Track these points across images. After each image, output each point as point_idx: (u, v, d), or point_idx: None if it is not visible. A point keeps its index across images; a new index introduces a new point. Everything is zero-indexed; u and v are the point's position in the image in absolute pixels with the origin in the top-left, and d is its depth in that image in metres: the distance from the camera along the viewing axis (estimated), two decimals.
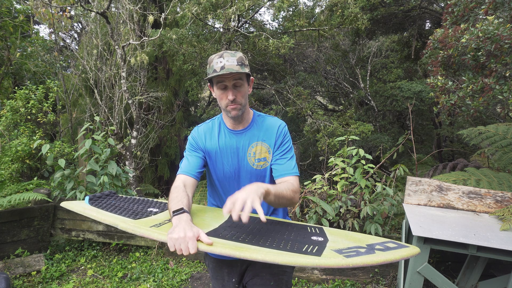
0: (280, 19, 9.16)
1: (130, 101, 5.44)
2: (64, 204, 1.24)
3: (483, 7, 3.58)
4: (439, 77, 3.84)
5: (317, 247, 0.94)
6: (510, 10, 3.43)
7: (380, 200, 3.04)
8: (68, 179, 3.31)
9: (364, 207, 2.85)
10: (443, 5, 7.99)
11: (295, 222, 1.29)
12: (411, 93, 7.89)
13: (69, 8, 5.92)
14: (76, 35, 10.69)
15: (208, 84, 1.36)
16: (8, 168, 4.10)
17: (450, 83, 3.71)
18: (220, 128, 1.37)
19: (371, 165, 3.15)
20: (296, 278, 2.91)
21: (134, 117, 5.72)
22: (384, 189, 3.00)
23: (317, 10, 9.47)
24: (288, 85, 8.79)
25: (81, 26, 10.15)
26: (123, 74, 5.16)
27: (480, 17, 3.61)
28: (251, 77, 1.33)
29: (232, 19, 6.85)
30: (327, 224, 2.82)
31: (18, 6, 7.24)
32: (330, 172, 3.32)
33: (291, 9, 8.22)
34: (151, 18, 5.41)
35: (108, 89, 6.54)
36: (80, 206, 1.22)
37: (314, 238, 1.04)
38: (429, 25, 9.65)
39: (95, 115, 5.01)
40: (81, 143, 3.53)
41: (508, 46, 3.04)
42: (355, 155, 3.10)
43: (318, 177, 3.35)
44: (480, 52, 3.26)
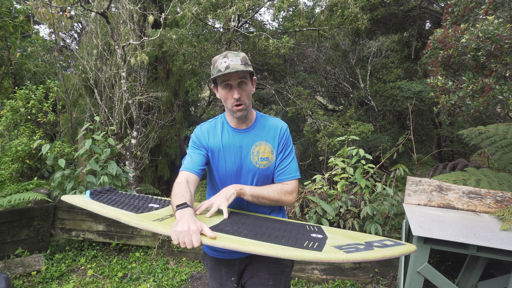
0: (280, 19, 9.16)
1: (130, 101, 5.43)
2: (65, 198, 1.22)
3: (483, 7, 3.58)
4: (439, 77, 3.84)
5: (317, 243, 0.94)
6: (510, 10, 3.43)
7: (380, 200, 3.04)
8: (68, 179, 3.31)
9: (364, 207, 2.85)
10: (443, 5, 7.99)
11: (294, 220, 1.30)
12: (411, 93, 7.89)
13: (69, 8, 5.91)
14: (76, 35, 10.68)
15: (212, 85, 1.39)
16: (8, 168, 4.10)
17: (450, 83, 3.71)
18: (223, 126, 1.39)
19: (371, 165, 3.15)
20: (296, 278, 2.90)
21: (134, 117, 5.71)
22: (384, 189, 3.00)
23: (317, 10, 9.46)
24: (288, 85, 8.79)
25: (81, 26, 10.14)
26: (123, 74, 5.16)
27: (480, 17, 3.61)
28: (254, 77, 1.35)
29: (232, 19, 6.84)
30: (327, 224, 2.81)
31: (18, 6, 7.24)
32: (330, 172, 3.32)
33: (291, 9, 8.21)
34: (151, 18, 5.40)
35: (108, 89, 6.53)
36: (81, 200, 1.21)
37: (314, 235, 1.05)
38: (429, 25, 9.65)
39: (95, 115, 5.01)
40: (81, 143, 3.53)
41: (508, 46, 3.04)
42: (355, 155, 3.10)
43: (318, 177, 3.35)
44: (480, 52, 3.26)
